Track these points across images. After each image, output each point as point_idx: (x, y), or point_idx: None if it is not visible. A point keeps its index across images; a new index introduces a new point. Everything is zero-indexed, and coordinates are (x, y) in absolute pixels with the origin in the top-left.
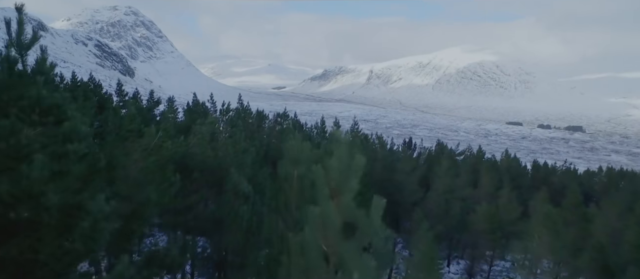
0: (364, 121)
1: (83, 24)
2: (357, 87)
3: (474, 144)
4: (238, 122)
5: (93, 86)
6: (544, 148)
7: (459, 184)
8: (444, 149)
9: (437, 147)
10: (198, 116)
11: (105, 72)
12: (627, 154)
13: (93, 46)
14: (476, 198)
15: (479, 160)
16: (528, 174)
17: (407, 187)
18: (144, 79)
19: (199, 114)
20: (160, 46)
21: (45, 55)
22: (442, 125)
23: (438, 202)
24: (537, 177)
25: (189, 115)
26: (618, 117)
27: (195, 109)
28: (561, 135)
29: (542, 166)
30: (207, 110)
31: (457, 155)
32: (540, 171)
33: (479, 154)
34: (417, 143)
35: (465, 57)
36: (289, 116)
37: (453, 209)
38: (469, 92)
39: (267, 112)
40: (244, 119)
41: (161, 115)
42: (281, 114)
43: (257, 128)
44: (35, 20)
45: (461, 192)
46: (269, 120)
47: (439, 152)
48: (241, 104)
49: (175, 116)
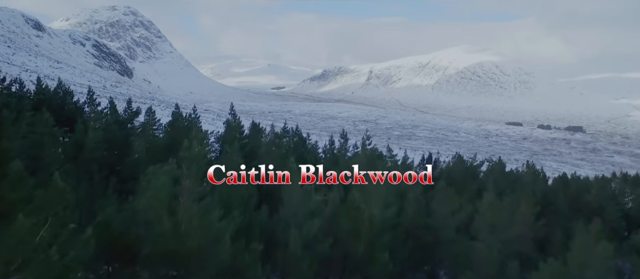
0: (363, 122)
1: (82, 24)
2: (356, 87)
3: (476, 145)
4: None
5: (62, 94)
6: (545, 149)
7: (503, 221)
8: (466, 167)
9: (457, 161)
10: (182, 132)
11: (103, 72)
12: (630, 155)
13: (91, 46)
14: (524, 240)
15: (503, 175)
16: (560, 192)
17: (446, 234)
18: (142, 79)
19: (183, 130)
20: (160, 46)
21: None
22: (442, 125)
23: (489, 257)
24: (569, 194)
25: (171, 132)
26: (618, 117)
27: (178, 124)
28: (562, 136)
29: (571, 180)
30: (195, 123)
31: (476, 166)
32: (570, 187)
33: (499, 167)
34: (437, 158)
35: (465, 57)
36: (289, 131)
37: (509, 271)
38: (468, 93)
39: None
40: (237, 139)
41: (141, 128)
42: (280, 133)
43: (250, 152)
44: (32, 20)
45: (506, 231)
46: (266, 135)
47: (464, 172)
48: (233, 115)
49: (155, 131)
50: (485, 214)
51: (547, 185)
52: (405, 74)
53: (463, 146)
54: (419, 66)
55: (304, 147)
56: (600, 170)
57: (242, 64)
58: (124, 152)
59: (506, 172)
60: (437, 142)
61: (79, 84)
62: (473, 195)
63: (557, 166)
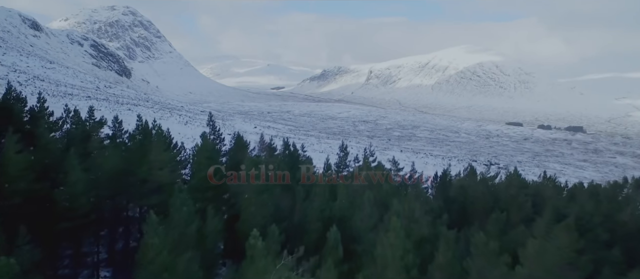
0: (363, 122)
1: (80, 23)
2: (356, 87)
3: (477, 146)
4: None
5: (12, 101)
6: (547, 150)
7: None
8: (481, 182)
9: (470, 174)
10: (149, 149)
11: (101, 72)
12: (632, 156)
13: (89, 46)
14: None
15: (521, 188)
16: (594, 215)
17: None
18: (141, 79)
19: (149, 148)
20: (159, 46)
21: None
22: (442, 126)
23: None
24: (601, 211)
25: (135, 151)
26: (618, 117)
27: (145, 141)
28: (563, 136)
29: (591, 190)
30: (166, 137)
31: (491, 178)
32: (600, 204)
33: (516, 179)
34: (449, 172)
35: (465, 57)
36: (275, 149)
37: None
38: (468, 93)
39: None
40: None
41: (108, 140)
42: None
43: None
44: (29, 20)
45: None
46: (252, 150)
47: (482, 193)
48: (213, 125)
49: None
50: (529, 262)
51: (575, 202)
52: (405, 74)
53: (464, 147)
54: (419, 66)
55: (296, 164)
56: (603, 172)
57: (242, 64)
58: (58, 182)
59: (525, 184)
60: (438, 143)
61: (70, 85)
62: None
63: (561, 168)
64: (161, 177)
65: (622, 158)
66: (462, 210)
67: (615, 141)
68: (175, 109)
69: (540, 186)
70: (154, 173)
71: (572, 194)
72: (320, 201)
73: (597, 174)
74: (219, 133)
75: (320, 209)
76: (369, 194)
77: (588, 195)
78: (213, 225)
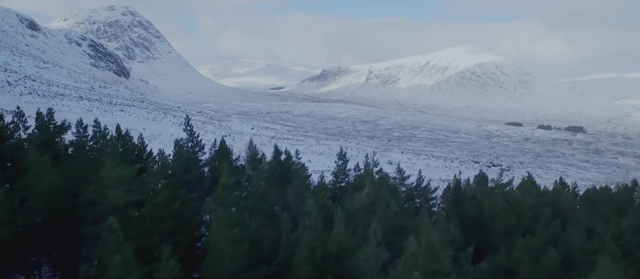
0: (363, 123)
1: (80, 24)
2: (356, 87)
3: (477, 146)
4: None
5: None
6: (548, 150)
7: None
8: (496, 192)
9: (480, 180)
10: (100, 163)
11: (99, 72)
12: (634, 156)
13: (87, 46)
14: None
15: (538, 196)
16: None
17: None
18: (139, 79)
19: (97, 164)
20: (158, 46)
21: None
22: (442, 126)
23: None
24: (636, 228)
25: (84, 165)
26: (618, 117)
27: (101, 151)
28: (563, 136)
29: (603, 193)
30: (129, 145)
31: (505, 185)
32: (628, 218)
33: (531, 186)
34: (460, 182)
35: (465, 57)
36: (260, 160)
37: None
38: (468, 93)
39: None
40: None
41: (73, 147)
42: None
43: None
44: (26, 19)
45: None
46: (236, 158)
47: (503, 209)
48: (190, 131)
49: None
50: None
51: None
52: (405, 74)
53: (465, 148)
54: (419, 66)
55: (286, 176)
56: (606, 173)
57: (242, 65)
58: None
59: (540, 192)
60: (438, 144)
61: (63, 85)
62: None
63: (564, 169)
64: (115, 198)
65: (624, 159)
66: (480, 227)
67: (616, 141)
68: (171, 110)
69: (557, 194)
70: (106, 193)
71: (590, 201)
72: (311, 235)
73: (601, 175)
74: (197, 139)
75: (311, 247)
76: (375, 225)
77: (607, 203)
78: (167, 270)
